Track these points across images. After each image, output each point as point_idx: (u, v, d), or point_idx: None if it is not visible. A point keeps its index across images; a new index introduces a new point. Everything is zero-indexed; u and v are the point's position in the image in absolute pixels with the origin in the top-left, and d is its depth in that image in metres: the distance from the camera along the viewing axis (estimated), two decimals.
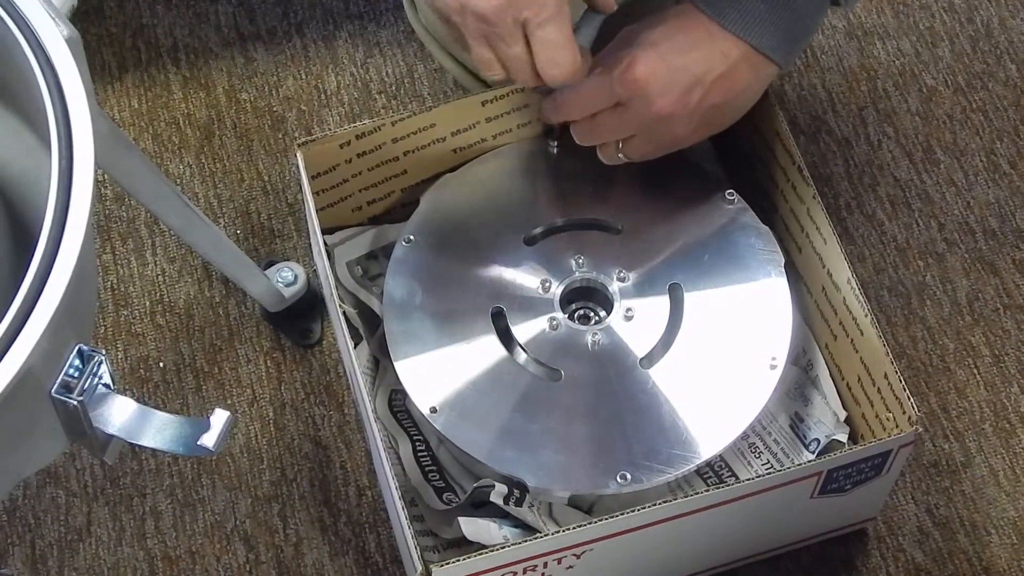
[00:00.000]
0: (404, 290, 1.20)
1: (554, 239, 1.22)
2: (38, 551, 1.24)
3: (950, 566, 1.24)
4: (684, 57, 1.12)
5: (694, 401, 1.15)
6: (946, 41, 1.48)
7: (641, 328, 1.19)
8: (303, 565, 1.23)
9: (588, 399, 1.16)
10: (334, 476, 1.27)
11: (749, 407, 1.15)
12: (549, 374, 1.17)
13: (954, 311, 1.34)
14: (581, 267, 1.21)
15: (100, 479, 1.26)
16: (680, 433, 1.14)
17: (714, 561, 1.20)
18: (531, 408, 1.15)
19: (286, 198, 1.39)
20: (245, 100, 1.44)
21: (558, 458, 1.13)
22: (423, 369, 1.17)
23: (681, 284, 1.20)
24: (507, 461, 1.13)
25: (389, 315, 1.19)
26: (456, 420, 1.15)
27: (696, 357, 1.17)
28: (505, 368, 1.17)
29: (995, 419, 1.30)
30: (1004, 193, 1.40)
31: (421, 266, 1.21)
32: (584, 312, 1.22)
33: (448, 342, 1.18)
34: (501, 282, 1.20)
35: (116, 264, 1.36)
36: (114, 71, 1.46)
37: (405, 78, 1.45)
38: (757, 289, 1.20)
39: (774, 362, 1.16)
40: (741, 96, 1.15)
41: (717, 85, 1.12)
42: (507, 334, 1.18)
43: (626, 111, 1.14)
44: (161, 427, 0.83)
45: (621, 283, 1.20)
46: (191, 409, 1.30)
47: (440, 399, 1.15)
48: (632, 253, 1.21)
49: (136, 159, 1.10)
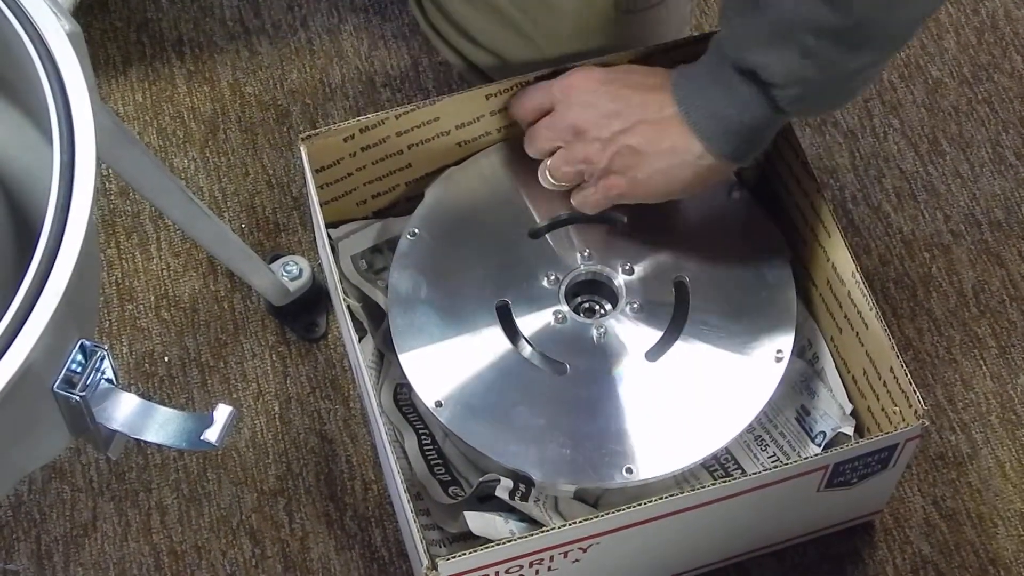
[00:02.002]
0: (409, 283, 1.19)
1: (559, 232, 1.22)
2: (44, 546, 1.24)
3: (957, 558, 1.24)
4: (622, 87, 1.13)
5: (700, 394, 1.15)
6: (952, 33, 1.48)
7: (646, 321, 1.18)
8: (309, 559, 1.23)
9: (594, 392, 1.16)
10: (340, 470, 1.27)
11: (755, 400, 1.14)
12: (554, 367, 1.17)
13: (960, 303, 1.34)
14: (586, 260, 1.20)
15: (106, 474, 1.26)
16: (686, 426, 1.14)
17: (720, 554, 1.20)
18: (536, 401, 1.15)
19: (291, 192, 1.39)
20: (250, 94, 1.44)
21: (564, 452, 1.13)
22: (428, 362, 1.16)
23: (686, 277, 1.20)
24: (513, 455, 1.13)
25: (394, 308, 1.18)
26: (461, 414, 1.14)
27: (701, 350, 1.17)
28: (510, 361, 1.17)
29: (1001, 410, 1.29)
30: (1010, 184, 1.40)
31: (426, 259, 1.20)
32: (589, 305, 1.21)
33: (453, 335, 1.17)
34: (506, 275, 1.20)
35: (121, 258, 1.36)
36: (119, 65, 1.46)
37: (410, 71, 1.45)
38: (762, 282, 1.19)
39: (779, 355, 1.16)
40: (663, 158, 1.11)
41: (641, 128, 1.11)
42: (512, 327, 1.18)
43: (553, 116, 1.15)
44: (164, 422, 0.83)
45: (627, 276, 1.20)
46: (196, 404, 1.30)
47: (445, 393, 1.15)
48: (637, 246, 1.21)
49: (140, 153, 1.10)
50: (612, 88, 1.13)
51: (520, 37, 1.28)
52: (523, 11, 1.26)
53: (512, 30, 1.28)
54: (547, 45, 1.27)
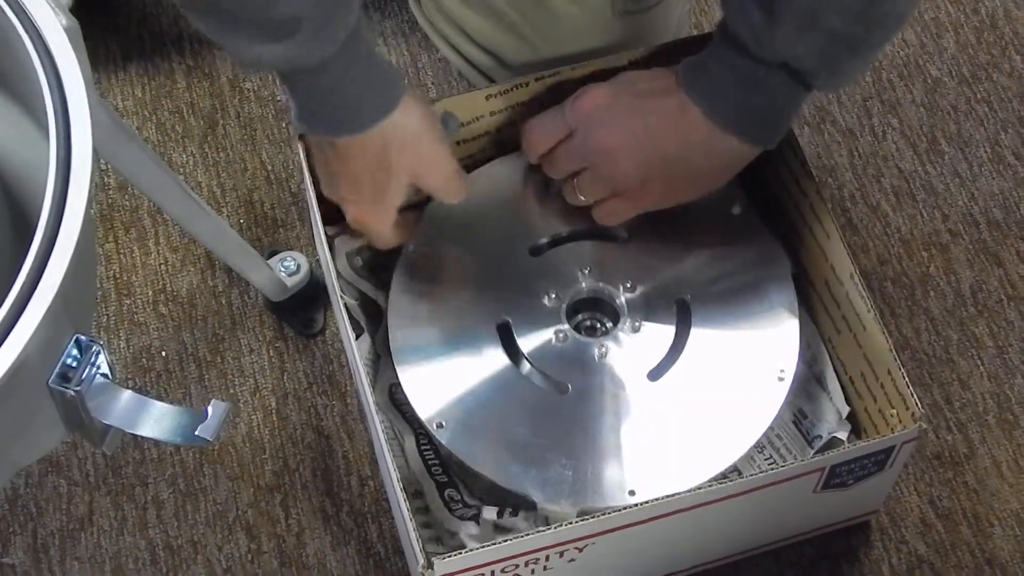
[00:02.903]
0: (409, 302, 1.18)
1: (559, 249, 1.21)
2: (40, 540, 1.24)
3: (953, 558, 1.24)
4: (633, 98, 1.12)
5: (702, 415, 1.14)
6: (951, 32, 1.48)
7: (648, 340, 1.17)
8: (305, 555, 1.23)
9: (596, 413, 1.14)
10: (336, 466, 1.27)
11: (758, 421, 1.13)
12: (556, 387, 1.16)
13: (958, 302, 1.34)
14: (587, 277, 1.20)
15: (102, 468, 1.26)
16: (689, 448, 1.13)
17: (716, 554, 1.20)
18: (539, 422, 1.14)
19: (289, 187, 1.39)
20: (248, 89, 1.44)
21: (566, 473, 1.12)
22: (429, 382, 1.15)
23: (688, 294, 1.19)
24: (514, 477, 1.12)
25: (394, 328, 1.17)
26: (463, 435, 1.13)
27: (704, 370, 1.16)
28: (512, 381, 1.16)
29: (998, 410, 1.29)
30: (1008, 184, 1.40)
31: (426, 278, 1.19)
32: (591, 323, 1.20)
33: (454, 355, 1.16)
34: (507, 294, 1.19)
35: (119, 253, 1.36)
36: (118, 60, 1.46)
37: (409, 68, 1.45)
38: (764, 300, 1.18)
39: (782, 375, 1.15)
40: (700, 154, 1.11)
41: (668, 134, 1.10)
42: (513, 346, 1.17)
43: (572, 140, 1.14)
44: (159, 417, 0.83)
45: (628, 294, 1.19)
46: (194, 398, 1.30)
47: (446, 414, 1.14)
48: (639, 263, 1.20)
49: (137, 148, 1.10)
50: (624, 101, 1.12)
51: (517, 38, 1.28)
52: (520, 13, 1.26)
53: (509, 31, 1.29)
54: (544, 46, 1.27)
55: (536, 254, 1.21)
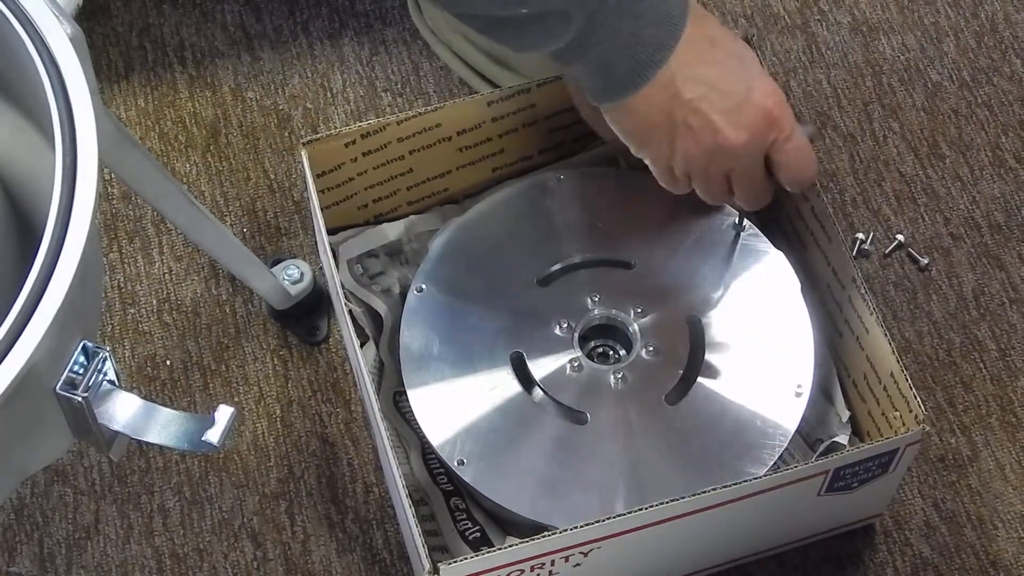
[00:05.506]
0: (420, 340, 1.18)
1: (568, 278, 1.21)
2: (46, 549, 1.24)
3: (957, 560, 1.24)
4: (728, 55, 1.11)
5: (722, 435, 1.14)
6: (951, 36, 1.48)
7: (663, 364, 1.17)
8: (310, 562, 1.24)
9: (616, 440, 1.14)
10: (341, 473, 1.27)
11: (777, 438, 1.13)
12: (575, 417, 1.15)
13: (960, 305, 1.34)
14: (598, 304, 1.19)
15: (108, 477, 1.27)
16: (710, 470, 1.12)
17: (720, 558, 1.20)
18: (560, 454, 1.14)
19: (292, 196, 1.39)
20: (251, 99, 1.45)
21: (591, 503, 1.11)
22: (447, 420, 1.15)
23: (699, 316, 1.19)
24: (540, 511, 1.11)
25: (407, 366, 1.17)
26: (486, 472, 1.13)
27: (720, 390, 1.16)
28: (529, 414, 1.15)
29: (1001, 413, 1.30)
30: (1010, 187, 1.40)
31: (435, 315, 1.19)
32: (603, 350, 1.20)
33: (470, 391, 1.16)
34: (518, 325, 1.18)
35: (123, 262, 1.36)
36: (120, 70, 1.46)
37: (411, 76, 1.45)
38: (776, 316, 1.18)
39: (799, 390, 1.15)
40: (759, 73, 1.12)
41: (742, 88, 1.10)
42: (528, 378, 1.17)
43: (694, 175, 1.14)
44: (166, 423, 0.84)
45: (640, 319, 1.19)
46: (198, 407, 1.30)
47: (467, 451, 1.13)
48: (648, 288, 1.20)
49: (141, 157, 1.10)
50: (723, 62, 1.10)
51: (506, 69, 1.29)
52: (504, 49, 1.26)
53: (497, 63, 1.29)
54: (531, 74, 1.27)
55: (544, 284, 1.21)
